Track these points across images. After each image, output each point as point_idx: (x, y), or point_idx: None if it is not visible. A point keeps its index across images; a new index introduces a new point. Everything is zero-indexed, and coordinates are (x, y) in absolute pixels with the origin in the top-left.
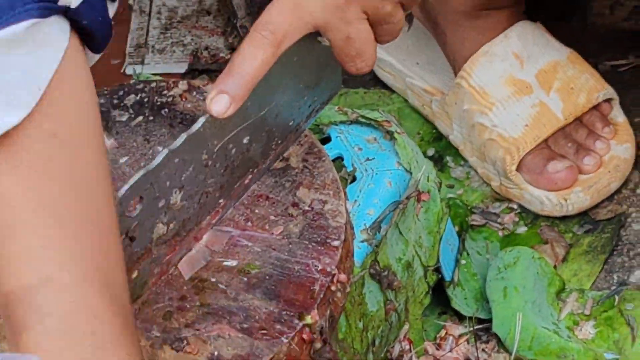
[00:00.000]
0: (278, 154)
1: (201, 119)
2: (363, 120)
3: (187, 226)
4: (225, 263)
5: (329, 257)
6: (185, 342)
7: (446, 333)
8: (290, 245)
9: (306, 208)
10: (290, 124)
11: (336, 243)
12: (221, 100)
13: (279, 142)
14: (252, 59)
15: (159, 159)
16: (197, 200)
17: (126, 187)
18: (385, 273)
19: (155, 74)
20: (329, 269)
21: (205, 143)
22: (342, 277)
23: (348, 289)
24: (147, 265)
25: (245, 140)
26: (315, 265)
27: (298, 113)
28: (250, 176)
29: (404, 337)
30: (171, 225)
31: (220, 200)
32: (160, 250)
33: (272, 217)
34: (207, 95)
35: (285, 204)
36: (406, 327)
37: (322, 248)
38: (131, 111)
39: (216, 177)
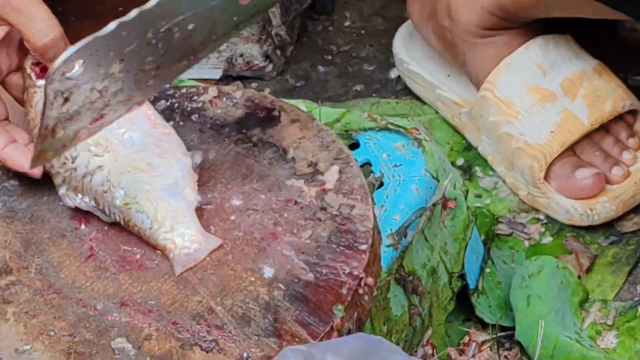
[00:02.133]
0: (213, 47)
1: None
2: (391, 127)
3: (117, 97)
4: (254, 267)
5: (356, 260)
6: (214, 343)
7: (469, 339)
8: (318, 249)
9: (334, 212)
10: (235, 19)
11: (364, 247)
12: None
13: (219, 35)
14: None
15: (109, 28)
16: (133, 74)
17: (73, 49)
18: (410, 278)
19: (190, 79)
20: (356, 273)
21: (155, 22)
22: (370, 280)
23: (375, 293)
24: (72, 127)
25: (190, 27)
26: (344, 269)
27: (242, 10)
28: (185, 62)
29: (427, 341)
30: (103, 94)
31: (152, 80)
32: (88, 115)
33: (300, 222)
34: None
35: (313, 208)
36: (430, 332)
37: (350, 252)
38: (162, 116)
39: (155, 56)
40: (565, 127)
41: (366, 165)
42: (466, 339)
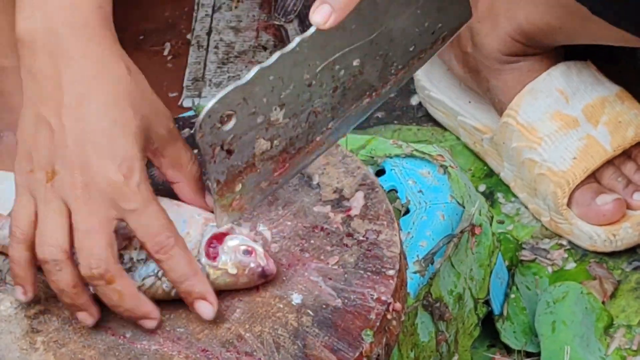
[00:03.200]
0: (399, 80)
1: (297, 38)
2: (417, 154)
3: (295, 144)
4: (282, 293)
5: (384, 286)
6: None
7: None
8: (346, 275)
9: (361, 238)
10: (411, 49)
11: (391, 272)
12: (323, 10)
13: (399, 67)
14: None
15: (249, 75)
16: (304, 119)
17: (214, 100)
18: (438, 304)
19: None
20: (384, 298)
21: (305, 62)
22: (397, 305)
23: (403, 318)
24: (252, 179)
25: (355, 63)
26: (371, 294)
27: (419, 39)
28: (367, 99)
29: None
30: (275, 142)
31: (331, 122)
32: (266, 165)
33: (327, 248)
34: (312, 7)
35: (339, 234)
36: (456, 358)
37: (378, 277)
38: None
39: (324, 97)
40: (588, 153)
41: (392, 192)
42: None
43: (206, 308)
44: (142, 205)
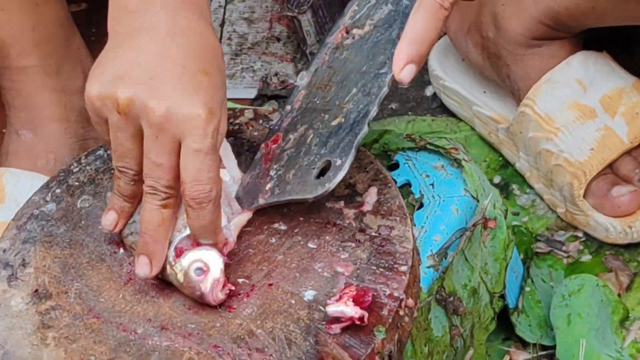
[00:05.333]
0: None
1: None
2: (431, 147)
3: None
4: (294, 289)
5: (396, 282)
6: None
7: (510, 358)
8: (358, 271)
9: (373, 234)
10: None
11: (404, 268)
12: (410, 70)
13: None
14: (432, 29)
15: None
16: None
17: None
18: (451, 299)
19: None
20: (396, 294)
21: None
22: (410, 302)
23: (415, 314)
24: None
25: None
26: (384, 291)
27: None
28: None
29: None
30: None
31: None
32: None
33: (339, 243)
34: (394, 65)
35: (352, 230)
36: (470, 352)
37: (390, 273)
38: None
39: None
40: (605, 144)
41: (406, 186)
42: (506, 358)
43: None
44: (205, 150)
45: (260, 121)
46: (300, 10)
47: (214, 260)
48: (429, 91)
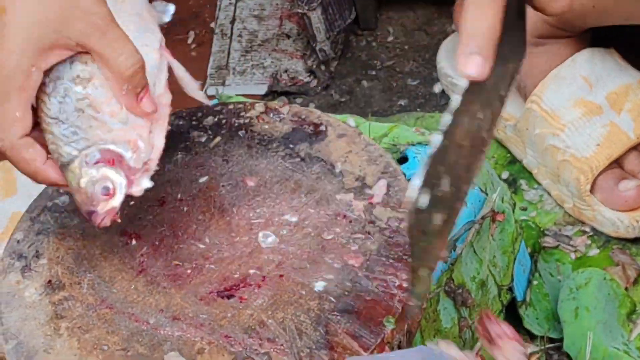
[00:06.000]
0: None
1: (455, 96)
2: None
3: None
4: (305, 280)
5: (406, 273)
6: (267, 356)
7: None
8: (368, 262)
9: (383, 226)
10: (501, 93)
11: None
12: (475, 61)
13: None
14: (488, 17)
15: (436, 142)
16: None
17: (419, 180)
18: (460, 291)
19: (237, 95)
20: (406, 285)
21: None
22: None
23: (424, 305)
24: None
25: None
26: (393, 282)
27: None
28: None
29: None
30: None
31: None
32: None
33: (349, 235)
34: (458, 64)
35: (362, 222)
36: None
37: (400, 264)
38: (210, 132)
39: (463, 155)
40: (612, 140)
41: None
42: None
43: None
44: None
45: (271, 114)
46: (310, 7)
47: (121, 190)
48: (437, 88)
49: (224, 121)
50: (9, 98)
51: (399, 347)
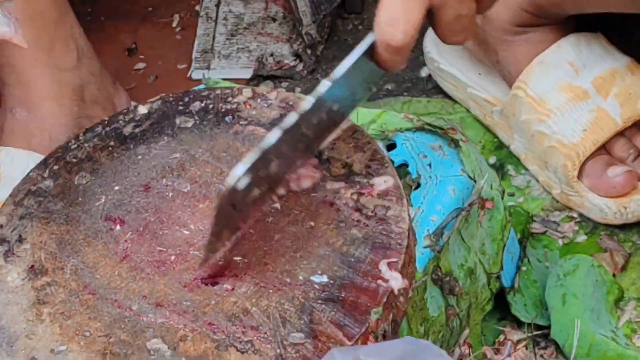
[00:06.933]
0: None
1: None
2: (428, 127)
3: (272, 186)
4: (290, 268)
5: (392, 263)
6: (250, 344)
7: (505, 338)
8: (354, 250)
9: (369, 214)
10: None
11: (399, 248)
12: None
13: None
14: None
15: (273, 138)
16: (286, 165)
17: (242, 168)
18: (447, 279)
19: (223, 80)
20: (390, 273)
21: (310, 119)
22: (405, 282)
23: (410, 294)
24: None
25: (334, 108)
26: (379, 270)
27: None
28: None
29: (464, 341)
30: (262, 188)
31: (299, 160)
32: (252, 211)
33: (336, 223)
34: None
35: (348, 209)
36: (466, 332)
37: (386, 252)
38: (196, 117)
39: (305, 141)
40: (598, 125)
41: (403, 166)
42: (501, 337)
43: None
44: None
45: (259, 100)
46: None
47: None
48: (424, 72)
49: (211, 106)
50: None
51: (384, 337)
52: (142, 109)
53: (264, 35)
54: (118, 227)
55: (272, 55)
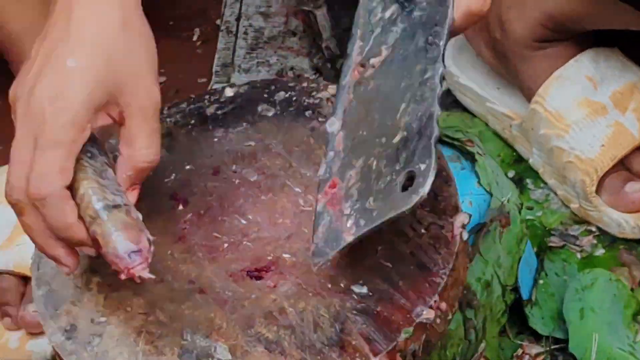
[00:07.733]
0: None
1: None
2: (446, 139)
3: None
4: (333, 273)
5: (431, 291)
6: (278, 345)
7: (523, 352)
8: (400, 268)
9: (422, 231)
10: None
11: (442, 271)
12: None
13: None
14: None
15: None
16: None
17: None
18: (465, 292)
19: None
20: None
21: None
22: (443, 305)
23: (450, 317)
24: None
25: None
26: (418, 294)
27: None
28: None
29: (481, 355)
30: None
31: None
32: None
33: (391, 237)
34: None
35: (405, 223)
36: (483, 345)
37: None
38: (278, 107)
39: None
40: (616, 140)
41: None
42: (520, 351)
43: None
44: (47, 145)
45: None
46: (315, 4)
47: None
48: (443, 86)
49: (294, 98)
50: (60, 147)
51: (414, 356)
52: (229, 92)
53: (284, 49)
54: (181, 206)
55: (292, 69)
